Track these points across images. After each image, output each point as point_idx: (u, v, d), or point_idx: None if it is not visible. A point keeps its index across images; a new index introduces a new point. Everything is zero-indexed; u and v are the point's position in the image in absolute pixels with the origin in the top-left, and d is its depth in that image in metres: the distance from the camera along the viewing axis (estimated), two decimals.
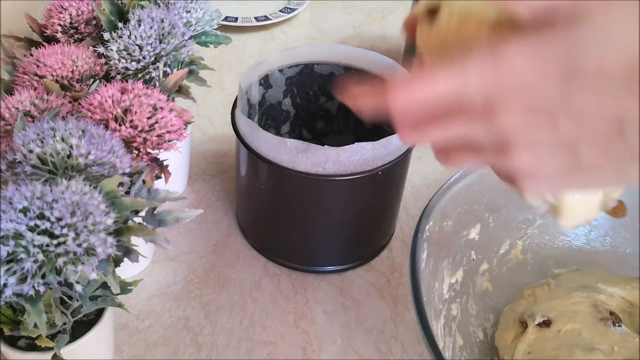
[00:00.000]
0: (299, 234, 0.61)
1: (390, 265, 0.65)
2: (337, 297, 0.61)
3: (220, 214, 0.69)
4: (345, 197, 0.58)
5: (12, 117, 0.47)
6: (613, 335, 0.50)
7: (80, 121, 0.43)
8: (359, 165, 0.54)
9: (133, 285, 0.45)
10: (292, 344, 0.57)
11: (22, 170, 0.40)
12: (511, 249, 0.57)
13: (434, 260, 0.49)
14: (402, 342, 0.58)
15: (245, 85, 0.62)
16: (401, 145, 0.56)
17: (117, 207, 0.40)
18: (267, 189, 0.58)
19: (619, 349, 0.49)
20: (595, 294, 0.54)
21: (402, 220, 0.69)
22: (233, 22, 0.96)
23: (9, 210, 0.35)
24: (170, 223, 0.44)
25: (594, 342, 0.50)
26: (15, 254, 0.35)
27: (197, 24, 0.59)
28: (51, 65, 0.51)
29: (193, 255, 0.64)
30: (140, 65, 0.53)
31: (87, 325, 0.46)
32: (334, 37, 0.99)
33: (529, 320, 0.53)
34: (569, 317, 0.52)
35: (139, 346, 0.56)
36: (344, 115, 0.71)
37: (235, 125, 0.59)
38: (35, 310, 0.38)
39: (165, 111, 0.48)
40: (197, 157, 0.75)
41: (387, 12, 1.06)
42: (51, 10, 0.58)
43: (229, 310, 0.59)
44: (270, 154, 0.55)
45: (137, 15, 0.54)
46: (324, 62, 0.67)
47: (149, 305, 0.59)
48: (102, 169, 0.42)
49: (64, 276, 0.36)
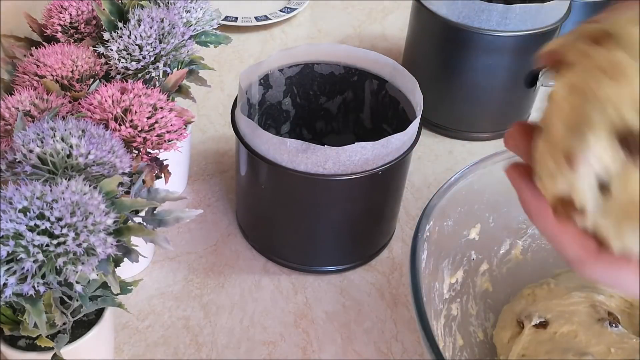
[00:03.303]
0: (299, 234, 0.61)
1: (390, 265, 0.65)
2: (337, 297, 0.61)
3: (220, 213, 0.69)
4: (345, 197, 0.58)
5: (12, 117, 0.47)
6: (610, 337, 0.50)
7: (80, 121, 0.43)
8: (359, 165, 0.54)
9: (133, 285, 0.45)
10: (292, 344, 0.57)
11: (22, 170, 0.40)
12: (511, 249, 0.57)
13: (434, 260, 0.49)
14: (402, 342, 0.58)
15: (245, 85, 0.62)
16: (401, 145, 0.56)
17: (117, 207, 0.40)
18: (267, 189, 0.58)
19: (616, 350, 0.49)
20: (595, 294, 0.54)
21: (402, 220, 0.69)
22: (233, 22, 0.96)
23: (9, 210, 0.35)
24: (170, 223, 0.44)
25: (590, 344, 0.50)
26: (15, 254, 0.35)
27: (197, 24, 0.59)
28: (51, 65, 0.51)
29: (193, 255, 0.64)
30: (140, 65, 0.53)
31: (87, 325, 0.46)
32: (334, 37, 0.99)
33: (525, 321, 0.53)
34: (566, 318, 0.52)
35: (139, 346, 0.56)
36: (344, 115, 0.71)
37: (235, 125, 0.59)
38: (35, 310, 0.38)
39: (165, 111, 0.48)
40: (197, 157, 0.75)
41: (387, 12, 1.06)
42: (51, 10, 0.58)
43: (229, 310, 0.59)
44: (270, 154, 0.55)
45: (137, 15, 0.54)
46: (324, 62, 0.67)
47: (149, 305, 0.59)
48: (102, 168, 0.42)
49: (64, 276, 0.36)
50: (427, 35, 0.78)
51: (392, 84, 0.64)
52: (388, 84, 0.65)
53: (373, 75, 0.66)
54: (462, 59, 0.74)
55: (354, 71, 0.67)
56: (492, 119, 0.80)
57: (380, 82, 0.66)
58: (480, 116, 0.80)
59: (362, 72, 0.66)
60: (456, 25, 0.72)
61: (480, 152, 0.79)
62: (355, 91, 0.68)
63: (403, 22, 0.97)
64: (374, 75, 0.66)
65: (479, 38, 0.71)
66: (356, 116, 0.70)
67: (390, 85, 0.65)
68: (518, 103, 0.79)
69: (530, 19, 0.70)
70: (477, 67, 0.74)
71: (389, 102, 0.66)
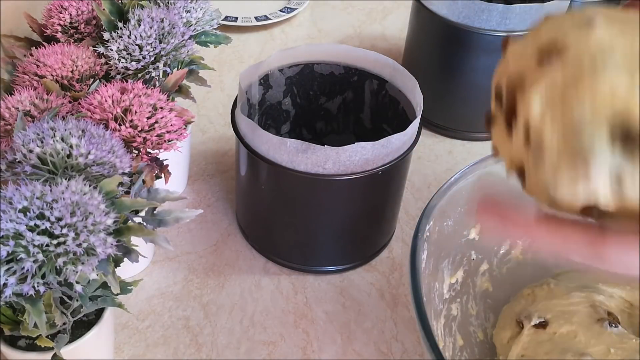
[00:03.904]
0: (299, 234, 0.61)
1: (390, 265, 0.65)
2: (337, 297, 0.61)
3: (220, 214, 0.69)
4: (345, 197, 0.58)
5: (12, 117, 0.47)
6: (610, 337, 0.50)
7: (80, 121, 0.43)
8: (359, 165, 0.54)
9: (133, 285, 0.45)
10: (292, 344, 0.57)
11: (22, 170, 0.40)
12: (511, 249, 0.57)
13: (434, 260, 0.49)
14: (402, 342, 0.58)
15: (245, 85, 0.62)
16: (401, 145, 0.56)
17: (117, 207, 0.40)
18: (267, 189, 0.58)
19: (616, 350, 0.49)
20: (595, 294, 0.54)
21: (402, 220, 0.69)
22: (233, 22, 0.96)
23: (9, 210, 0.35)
24: (170, 223, 0.44)
25: (589, 344, 0.50)
26: (15, 254, 0.35)
27: (197, 24, 0.59)
28: (51, 65, 0.51)
29: (193, 255, 0.64)
30: (140, 65, 0.53)
31: (87, 325, 0.46)
32: (334, 37, 0.99)
33: (525, 321, 0.53)
34: (566, 319, 0.52)
35: (139, 346, 0.56)
36: (344, 115, 0.71)
37: (235, 125, 0.59)
38: (35, 310, 0.38)
39: (165, 111, 0.48)
40: (197, 157, 0.75)
41: (387, 12, 1.06)
42: (51, 10, 0.58)
43: (229, 310, 0.59)
44: (270, 154, 0.55)
45: (137, 15, 0.54)
46: (324, 62, 0.67)
47: (149, 305, 0.59)
48: (102, 168, 0.42)
49: (64, 276, 0.36)
50: (427, 35, 0.78)
51: (392, 84, 0.64)
52: (388, 84, 0.65)
53: (373, 75, 0.66)
54: (462, 59, 0.74)
55: (354, 71, 0.67)
56: None
57: (380, 82, 0.66)
58: (480, 116, 0.79)
59: (362, 72, 0.66)
60: (456, 25, 0.72)
61: (480, 152, 0.79)
62: (355, 91, 0.68)
63: (403, 22, 0.97)
64: (374, 75, 0.66)
65: (479, 38, 0.71)
66: (356, 116, 0.70)
67: (390, 85, 0.65)
68: None
69: (530, 19, 0.70)
70: (477, 67, 0.74)
71: (389, 102, 0.66)
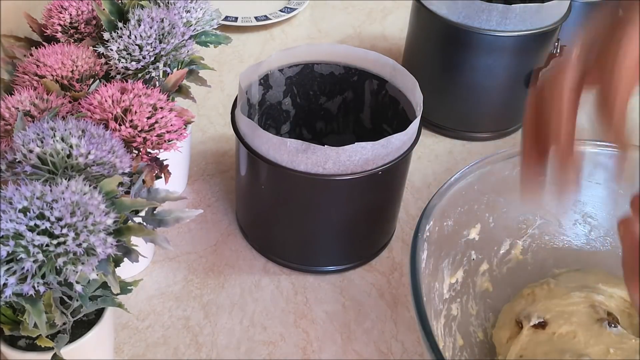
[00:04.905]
0: (299, 234, 0.61)
1: (390, 265, 0.65)
2: (337, 297, 0.61)
3: (220, 214, 0.69)
4: (345, 197, 0.58)
5: (12, 117, 0.47)
6: (609, 337, 0.50)
7: (80, 121, 0.43)
8: (359, 165, 0.54)
9: (133, 285, 0.45)
10: (292, 344, 0.57)
11: (22, 170, 0.40)
12: (511, 249, 0.57)
13: (434, 260, 0.49)
14: (402, 342, 0.58)
15: (245, 85, 0.62)
16: (401, 145, 0.56)
17: (117, 207, 0.40)
18: (267, 188, 0.58)
19: (615, 351, 0.49)
20: (595, 294, 0.54)
21: (402, 220, 0.69)
22: (233, 22, 0.96)
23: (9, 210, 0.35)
24: (170, 223, 0.44)
25: (588, 344, 0.50)
26: (15, 254, 0.35)
27: (197, 24, 0.59)
28: (51, 65, 0.51)
29: (193, 255, 0.64)
30: (140, 65, 0.53)
31: (87, 325, 0.46)
32: (334, 37, 0.99)
33: (524, 321, 0.53)
34: (565, 319, 0.52)
35: (139, 346, 0.56)
36: (344, 115, 0.71)
37: (235, 125, 0.59)
38: (35, 310, 0.38)
39: (165, 111, 0.48)
40: (197, 157, 0.75)
41: (387, 12, 1.06)
42: (51, 10, 0.58)
43: (229, 310, 0.59)
44: (270, 154, 0.55)
45: (137, 15, 0.54)
46: (324, 62, 0.67)
47: (149, 305, 0.59)
48: (102, 168, 0.42)
49: (64, 276, 0.36)
50: (427, 35, 0.78)
51: (392, 84, 0.64)
52: (388, 84, 0.65)
53: (373, 75, 0.66)
54: (462, 59, 0.74)
55: (354, 71, 0.67)
56: (492, 119, 0.80)
57: (380, 82, 0.66)
58: (480, 116, 0.80)
59: (362, 72, 0.66)
60: (456, 25, 0.72)
61: (480, 152, 0.79)
62: (355, 91, 0.68)
63: (403, 22, 0.97)
64: (374, 75, 0.66)
65: (479, 38, 0.71)
66: (356, 116, 0.70)
67: (390, 85, 0.65)
68: (518, 103, 0.79)
69: (530, 19, 0.70)
70: (477, 67, 0.74)
71: (389, 102, 0.66)
